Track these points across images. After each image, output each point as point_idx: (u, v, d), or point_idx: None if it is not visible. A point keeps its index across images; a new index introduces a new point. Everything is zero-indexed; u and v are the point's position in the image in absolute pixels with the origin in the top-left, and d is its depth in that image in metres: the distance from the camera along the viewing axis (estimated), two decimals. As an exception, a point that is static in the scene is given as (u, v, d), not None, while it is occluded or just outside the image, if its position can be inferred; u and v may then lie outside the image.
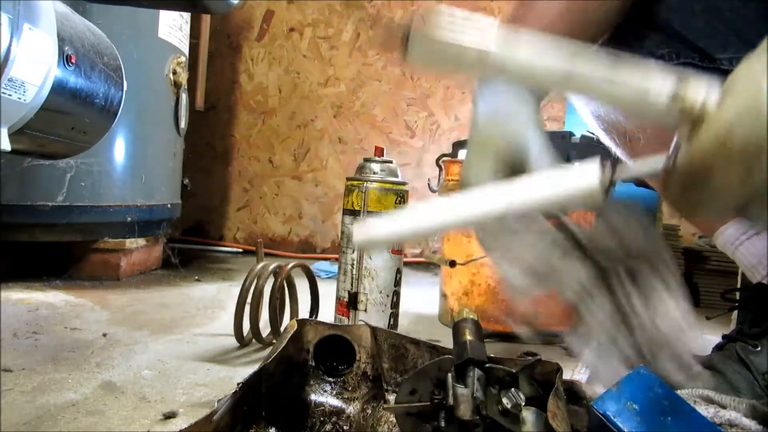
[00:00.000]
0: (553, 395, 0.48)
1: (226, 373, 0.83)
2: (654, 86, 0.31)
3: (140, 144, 1.56)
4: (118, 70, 0.85)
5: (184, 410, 0.68)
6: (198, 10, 1.51)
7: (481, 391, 0.48)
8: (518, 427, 0.48)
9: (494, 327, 1.18)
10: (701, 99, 0.30)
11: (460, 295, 1.23)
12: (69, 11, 0.77)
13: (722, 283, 1.82)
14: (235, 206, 2.38)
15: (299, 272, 0.99)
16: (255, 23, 2.36)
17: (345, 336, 0.65)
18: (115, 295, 1.33)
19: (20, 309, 1.12)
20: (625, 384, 0.54)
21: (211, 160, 2.37)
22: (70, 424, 0.63)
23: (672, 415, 0.51)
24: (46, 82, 0.69)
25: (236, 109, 2.38)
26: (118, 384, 0.75)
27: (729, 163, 0.29)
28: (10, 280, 1.35)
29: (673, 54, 0.69)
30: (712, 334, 1.34)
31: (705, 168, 0.30)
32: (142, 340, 0.96)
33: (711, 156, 0.30)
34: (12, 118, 0.67)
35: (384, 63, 2.32)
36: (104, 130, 0.88)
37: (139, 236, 1.56)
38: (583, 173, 0.36)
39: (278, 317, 0.94)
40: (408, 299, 1.49)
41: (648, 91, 0.31)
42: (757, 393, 0.65)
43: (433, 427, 0.51)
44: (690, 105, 0.31)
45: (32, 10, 0.66)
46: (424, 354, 0.63)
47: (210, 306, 1.28)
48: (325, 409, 0.64)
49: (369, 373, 0.65)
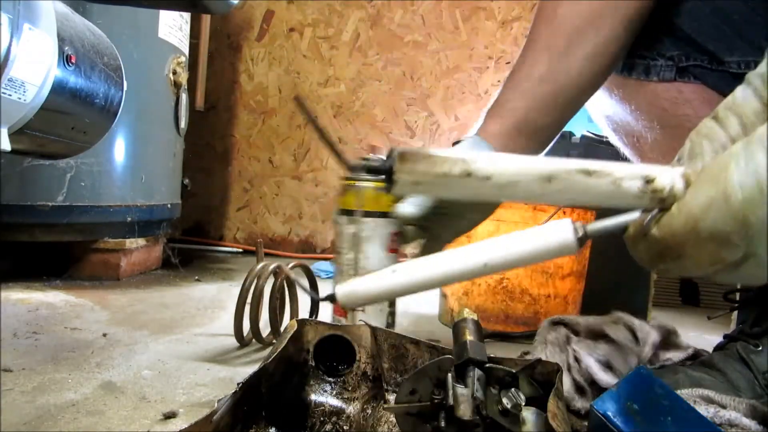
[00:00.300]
0: (553, 395, 0.48)
1: (226, 373, 0.83)
2: (627, 175, 0.34)
3: (140, 144, 1.56)
4: (118, 70, 0.85)
5: (184, 410, 0.68)
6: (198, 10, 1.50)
7: (481, 391, 0.48)
8: (518, 427, 0.48)
9: (494, 327, 1.18)
10: (669, 184, 0.33)
11: (460, 295, 1.23)
12: (69, 11, 0.77)
13: (722, 283, 1.82)
14: (235, 206, 2.38)
15: (299, 272, 1.00)
16: (255, 23, 2.36)
17: (345, 336, 0.65)
18: (115, 295, 1.33)
19: (20, 309, 1.12)
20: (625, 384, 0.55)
21: (211, 160, 2.37)
22: (70, 424, 0.63)
23: (672, 415, 0.51)
24: (46, 82, 0.69)
25: (236, 109, 2.38)
26: (118, 384, 0.75)
27: (699, 244, 0.31)
28: (10, 280, 1.35)
29: (683, 56, 0.70)
30: (712, 334, 1.35)
31: (676, 245, 0.33)
32: (142, 340, 0.96)
33: (682, 236, 0.32)
34: (12, 118, 0.67)
35: (384, 63, 2.32)
36: (104, 130, 0.88)
37: (139, 236, 1.56)
38: (557, 230, 0.39)
39: (278, 317, 0.94)
40: (408, 299, 1.49)
41: (623, 179, 0.34)
42: (757, 392, 0.65)
43: (433, 427, 0.51)
44: (660, 187, 0.33)
45: (32, 10, 0.66)
46: (424, 354, 0.63)
47: (210, 306, 1.28)
48: (325, 409, 0.64)
49: (369, 373, 0.65)
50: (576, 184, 0.34)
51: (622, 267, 1.38)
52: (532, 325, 1.17)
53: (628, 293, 1.37)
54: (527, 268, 1.17)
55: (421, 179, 0.34)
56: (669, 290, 1.85)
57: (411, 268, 0.43)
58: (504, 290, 1.18)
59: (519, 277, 1.18)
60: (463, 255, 0.42)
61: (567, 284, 1.20)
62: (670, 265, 0.34)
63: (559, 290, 1.20)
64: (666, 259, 0.34)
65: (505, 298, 1.18)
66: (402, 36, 2.31)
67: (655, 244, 0.34)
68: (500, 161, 0.35)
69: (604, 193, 0.34)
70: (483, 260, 0.41)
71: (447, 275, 0.42)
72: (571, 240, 0.39)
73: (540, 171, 0.35)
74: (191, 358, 0.89)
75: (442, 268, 0.42)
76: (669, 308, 1.78)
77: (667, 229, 0.33)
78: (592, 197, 0.35)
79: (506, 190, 0.35)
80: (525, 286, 1.18)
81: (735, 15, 0.65)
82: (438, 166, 0.34)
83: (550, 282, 1.18)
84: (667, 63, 0.71)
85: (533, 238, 0.40)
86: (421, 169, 0.34)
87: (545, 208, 1.14)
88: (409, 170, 0.34)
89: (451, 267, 0.42)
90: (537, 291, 1.18)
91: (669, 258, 0.34)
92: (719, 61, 0.67)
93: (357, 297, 0.43)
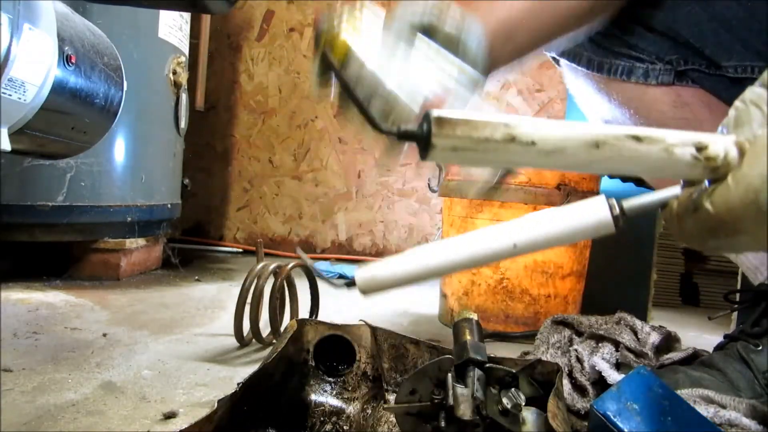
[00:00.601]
0: (553, 395, 0.48)
1: (226, 373, 0.83)
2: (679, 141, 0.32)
3: (140, 144, 1.56)
4: (118, 70, 0.85)
5: (184, 410, 0.68)
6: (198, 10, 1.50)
7: (481, 391, 0.48)
8: (518, 427, 0.48)
9: (494, 327, 1.18)
10: (723, 152, 0.31)
11: (460, 295, 1.23)
12: (69, 11, 0.77)
13: (722, 283, 1.82)
14: (235, 206, 2.38)
15: (299, 272, 1.00)
16: (255, 23, 2.36)
17: (345, 336, 0.65)
18: (115, 295, 1.33)
19: (20, 309, 1.12)
20: (625, 384, 0.55)
21: (211, 160, 2.37)
22: (70, 424, 0.63)
23: (672, 415, 0.51)
24: (46, 82, 0.69)
25: (236, 109, 2.38)
26: (118, 384, 0.75)
27: (760, 219, 0.29)
28: (10, 280, 1.35)
29: (681, 60, 0.70)
30: (712, 334, 1.35)
31: (733, 220, 0.30)
32: (142, 340, 0.96)
33: (741, 210, 0.30)
34: (12, 118, 0.67)
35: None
36: (104, 130, 0.88)
37: (139, 236, 1.56)
38: (592, 207, 0.37)
39: (278, 317, 0.94)
40: (408, 299, 1.49)
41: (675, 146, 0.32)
42: (756, 391, 0.65)
43: (433, 427, 0.51)
44: (714, 155, 0.31)
45: (32, 10, 0.66)
46: (424, 354, 0.63)
47: (210, 306, 1.28)
48: (325, 409, 0.64)
49: (369, 373, 0.65)
50: (625, 151, 0.32)
51: (622, 267, 1.39)
52: (532, 325, 1.17)
53: (628, 293, 1.37)
54: (527, 268, 1.17)
55: (461, 144, 0.32)
56: (669, 290, 1.85)
57: (435, 251, 0.40)
58: (504, 290, 1.18)
59: (519, 277, 1.18)
60: (491, 236, 0.39)
61: (567, 284, 1.20)
62: (723, 243, 0.32)
63: (559, 290, 1.20)
64: (719, 236, 0.31)
65: (505, 298, 1.18)
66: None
67: (707, 220, 0.31)
68: (544, 126, 0.33)
69: (655, 161, 0.32)
70: (512, 241, 0.38)
71: (473, 258, 0.39)
72: (607, 218, 0.36)
73: (587, 136, 0.32)
74: (191, 358, 0.89)
75: (468, 251, 0.39)
76: (669, 308, 1.78)
77: (723, 202, 0.30)
78: (642, 166, 0.33)
79: (552, 157, 0.32)
80: (525, 286, 1.18)
81: (734, 20, 0.65)
82: (479, 131, 0.32)
83: (550, 282, 1.18)
84: (665, 67, 0.71)
85: (566, 217, 0.37)
86: (460, 134, 0.32)
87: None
88: (447, 135, 0.31)
89: (477, 249, 0.39)
90: (537, 291, 1.18)
91: (723, 234, 0.31)
92: (717, 66, 0.67)
93: (378, 282, 0.40)
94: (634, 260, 1.37)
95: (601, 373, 0.70)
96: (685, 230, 0.34)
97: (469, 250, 0.39)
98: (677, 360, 0.74)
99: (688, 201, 0.33)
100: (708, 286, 1.88)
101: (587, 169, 0.34)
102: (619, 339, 0.76)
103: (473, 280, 1.20)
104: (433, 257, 0.40)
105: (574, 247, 1.20)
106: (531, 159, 0.33)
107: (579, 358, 0.75)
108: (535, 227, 0.38)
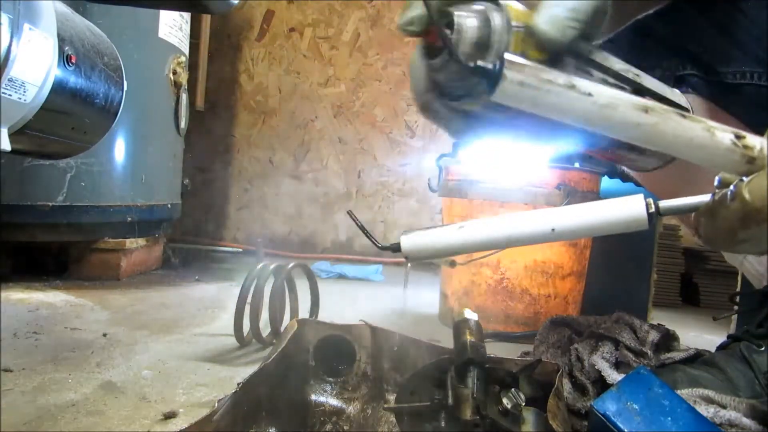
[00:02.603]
0: (553, 395, 0.48)
1: (226, 373, 0.83)
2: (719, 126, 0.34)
3: (140, 144, 1.56)
4: (118, 70, 0.85)
5: (184, 410, 0.68)
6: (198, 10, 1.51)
7: (481, 391, 0.48)
8: (518, 427, 0.48)
9: (494, 327, 1.18)
10: (760, 144, 0.33)
11: (460, 295, 1.23)
12: (69, 11, 0.77)
13: (722, 283, 1.82)
14: (235, 206, 2.38)
15: (299, 272, 1.00)
16: (255, 23, 2.36)
17: (345, 336, 0.65)
18: (115, 295, 1.33)
19: (20, 309, 1.12)
20: (625, 384, 0.55)
21: (211, 160, 2.37)
22: (70, 424, 0.63)
23: (672, 415, 0.51)
24: (46, 82, 0.69)
25: (236, 109, 2.38)
26: (118, 384, 0.75)
27: None
28: (10, 280, 1.35)
29: (680, 65, 0.70)
30: (712, 334, 1.35)
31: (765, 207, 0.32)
32: (142, 340, 0.96)
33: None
34: (12, 118, 0.67)
35: (384, 63, 2.32)
36: (104, 131, 0.88)
37: (139, 236, 1.56)
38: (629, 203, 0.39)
39: (278, 317, 0.94)
40: (408, 299, 1.49)
41: (716, 128, 0.34)
42: (756, 391, 0.65)
43: (433, 427, 0.51)
44: (751, 144, 0.33)
45: (32, 10, 0.66)
46: (424, 354, 0.63)
47: (210, 306, 1.28)
48: (325, 409, 0.64)
49: (369, 373, 0.65)
50: (671, 121, 0.34)
51: (622, 267, 1.39)
52: (532, 325, 1.17)
53: (628, 293, 1.37)
54: (527, 268, 1.17)
55: (527, 81, 0.34)
56: (669, 290, 1.85)
57: (477, 227, 0.42)
58: (504, 290, 1.18)
59: (519, 277, 1.18)
60: (532, 218, 0.41)
61: (567, 284, 1.20)
62: (754, 232, 0.33)
63: (559, 290, 1.20)
64: (750, 225, 0.33)
65: (505, 298, 1.18)
66: (402, 36, 2.31)
67: (742, 208, 0.33)
68: (600, 86, 0.35)
69: (697, 138, 0.34)
70: (551, 225, 0.40)
71: (513, 237, 0.41)
72: (642, 214, 0.39)
73: (638, 101, 0.35)
74: (191, 358, 0.89)
75: (509, 230, 0.41)
76: (669, 308, 1.78)
77: (760, 189, 0.33)
78: (684, 139, 0.34)
79: (605, 111, 0.35)
80: (525, 286, 1.18)
81: (733, 26, 0.65)
82: (544, 73, 0.35)
83: (550, 282, 1.18)
84: (664, 73, 0.71)
85: (604, 210, 0.40)
86: (528, 72, 0.34)
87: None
88: (518, 69, 0.34)
89: (517, 229, 0.41)
90: (537, 291, 1.18)
91: (754, 224, 0.33)
92: (714, 72, 0.67)
93: (420, 249, 0.43)
94: (634, 260, 1.37)
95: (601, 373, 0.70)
96: (717, 223, 0.35)
97: (508, 230, 0.41)
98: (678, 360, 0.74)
99: (723, 195, 0.35)
100: (708, 286, 1.88)
101: (633, 131, 0.35)
102: (618, 338, 0.76)
103: (473, 280, 1.20)
104: (473, 233, 0.42)
105: (575, 247, 1.20)
106: (586, 108, 0.35)
107: (579, 357, 0.74)
108: (573, 215, 0.40)
